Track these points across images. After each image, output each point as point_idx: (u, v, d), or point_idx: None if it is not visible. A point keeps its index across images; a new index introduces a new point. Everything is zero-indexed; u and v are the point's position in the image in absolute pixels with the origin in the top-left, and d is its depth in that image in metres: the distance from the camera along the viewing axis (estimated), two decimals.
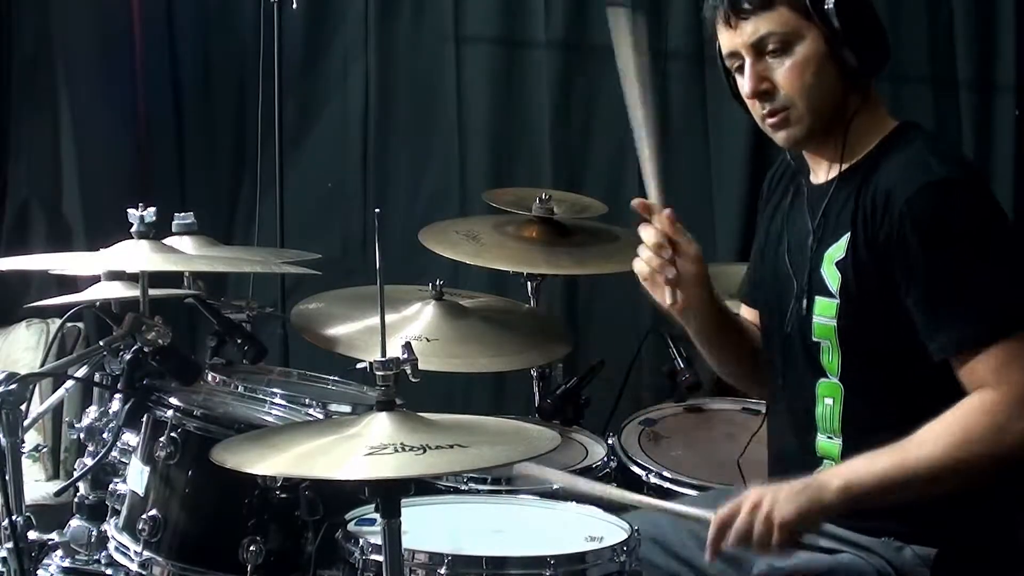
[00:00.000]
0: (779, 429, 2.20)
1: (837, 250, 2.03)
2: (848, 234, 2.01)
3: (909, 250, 1.93)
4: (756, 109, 2.07)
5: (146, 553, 2.29)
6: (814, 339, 2.06)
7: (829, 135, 2.07)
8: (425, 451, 1.76)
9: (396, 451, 1.76)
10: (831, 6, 1.97)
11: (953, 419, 1.89)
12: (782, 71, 2.02)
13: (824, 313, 2.04)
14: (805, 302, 2.07)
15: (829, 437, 2.07)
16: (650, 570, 2.15)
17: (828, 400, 2.06)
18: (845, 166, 2.07)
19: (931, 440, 1.89)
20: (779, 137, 2.08)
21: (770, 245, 2.22)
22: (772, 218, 2.24)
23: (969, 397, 1.90)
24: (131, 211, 2.52)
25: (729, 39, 2.06)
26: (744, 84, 2.06)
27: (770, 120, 2.06)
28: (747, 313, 2.34)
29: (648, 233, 2.06)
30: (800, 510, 1.89)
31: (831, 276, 2.03)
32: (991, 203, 2.00)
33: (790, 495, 1.90)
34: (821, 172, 2.13)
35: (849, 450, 2.02)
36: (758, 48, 2.02)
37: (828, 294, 2.03)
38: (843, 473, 1.93)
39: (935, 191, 1.94)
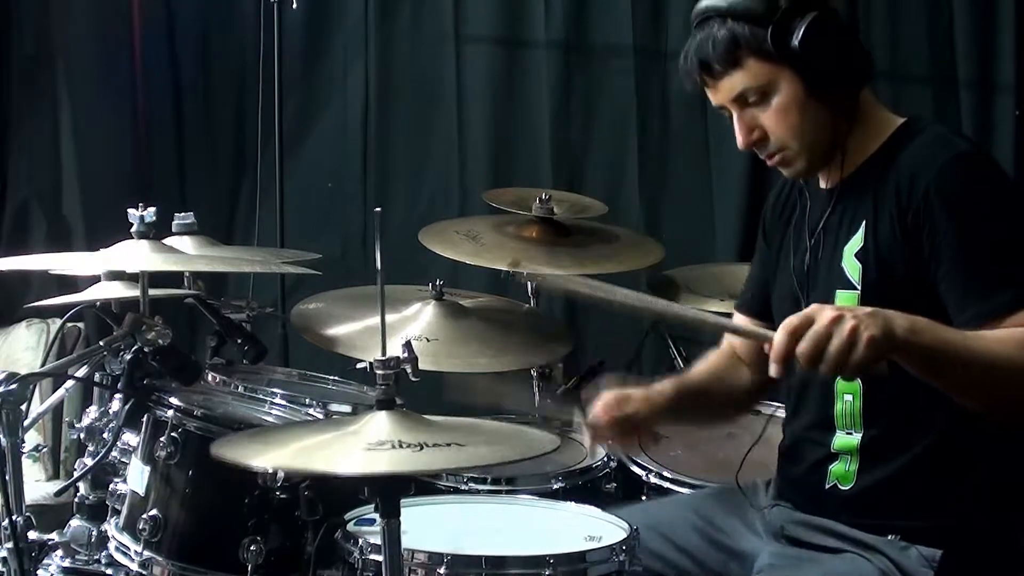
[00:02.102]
0: (792, 427, 2.19)
1: (856, 242, 2.03)
2: (864, 223, 2.01)
3: (938, 222, 1.92)
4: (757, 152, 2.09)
5: (146, 553, 2.29)
6: None
7: (830, 154, 2.08)
8: (423, 448, 1.76)
9: (393, 448, 1.76)
10: (796, 45, 1.97)
11: (1013, 331, 1.84)
12: (767, 118, 2.04)
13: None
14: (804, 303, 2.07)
15: (848, 432, 2.06)
16: (651, 559, 2.15)
17: (848, 396, 2.05)
18: (852, 168, 2.08)
19: (991, 338, 1.82)
20: (785, 173, 2.12)
21: (783, 262, 2.21)
22: (783, 236, 2.23)
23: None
24: (131, 211, 2.51)
25: (712, 96, 2.09)
26: (737, 136, 2.08)
27: (770, 162, 2.09)
28: (740, 320, 2.32)
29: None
30: (885, 333, 1.72)
31: (851, 268, 2.03)
32: (1009, 177, 2.03)
33: (869, 316, 1.73)
34: (824, 179, 2.14)
35: (869, 444, 2.02)
36: (739, 102, 2.05)
37: (850, 286, 2.02)
38: (907, 319, 1.77)
39: (962, 163, 1.96)
